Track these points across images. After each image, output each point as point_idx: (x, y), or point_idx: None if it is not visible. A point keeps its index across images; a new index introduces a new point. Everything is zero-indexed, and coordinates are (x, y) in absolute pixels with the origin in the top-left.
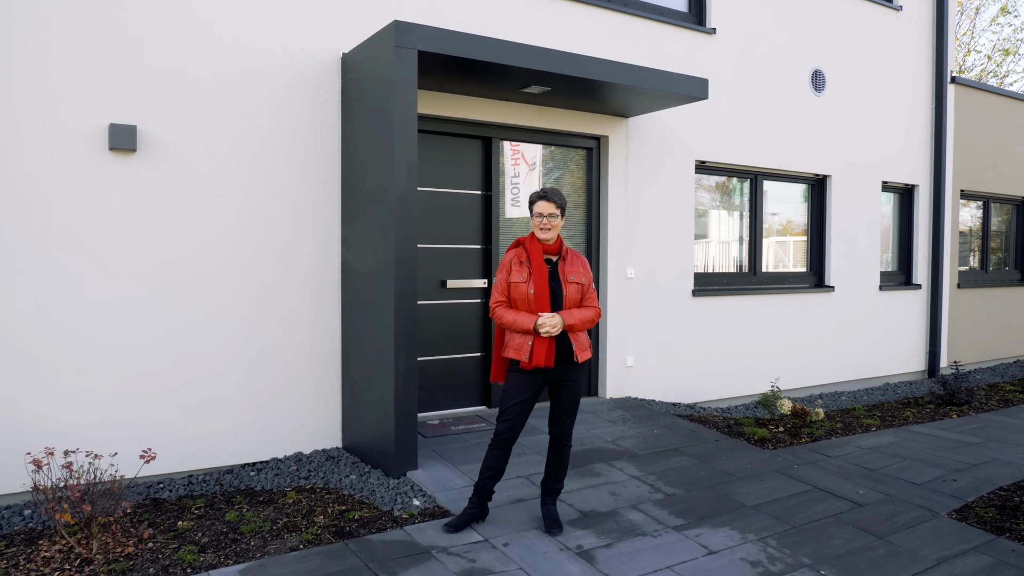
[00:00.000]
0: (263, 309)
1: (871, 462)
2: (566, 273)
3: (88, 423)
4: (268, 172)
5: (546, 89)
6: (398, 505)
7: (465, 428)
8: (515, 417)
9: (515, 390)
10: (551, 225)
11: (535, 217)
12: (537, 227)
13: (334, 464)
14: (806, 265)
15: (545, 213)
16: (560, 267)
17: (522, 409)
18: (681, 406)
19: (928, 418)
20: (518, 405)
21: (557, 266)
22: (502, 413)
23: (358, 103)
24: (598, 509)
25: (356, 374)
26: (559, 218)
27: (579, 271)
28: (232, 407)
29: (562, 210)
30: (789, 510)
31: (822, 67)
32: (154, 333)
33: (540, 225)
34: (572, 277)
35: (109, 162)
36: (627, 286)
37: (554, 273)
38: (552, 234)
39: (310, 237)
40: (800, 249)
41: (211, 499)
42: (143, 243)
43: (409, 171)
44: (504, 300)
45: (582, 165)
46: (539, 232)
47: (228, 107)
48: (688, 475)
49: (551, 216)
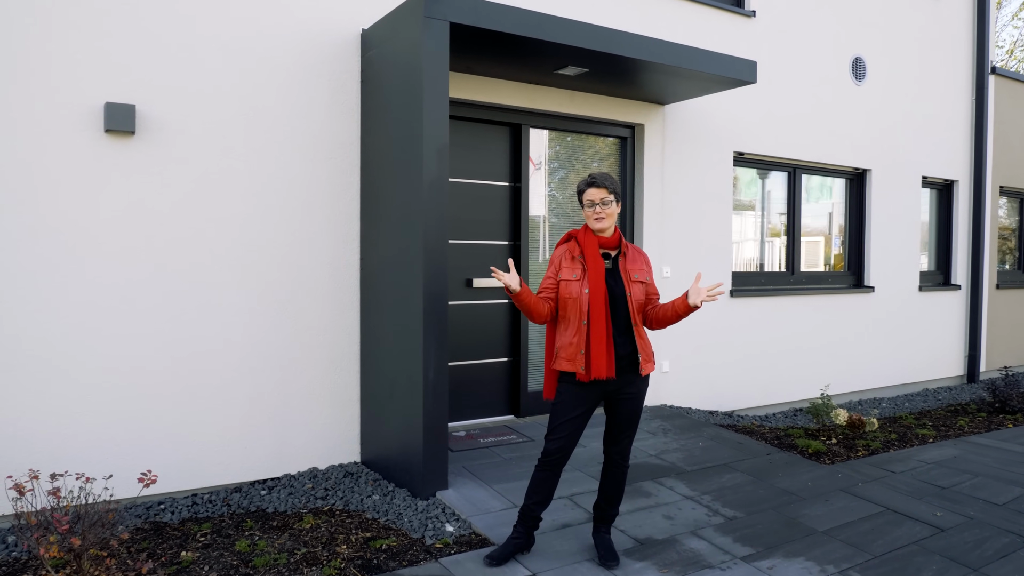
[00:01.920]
0: (273, 310)
1: (941, 479)
2: (629, 270)
3: (80, 436)
4: (280, 159)
5: (583, 71)
6: (429, 531)
7: (495, 441)
8: (567, 435)
9: (567, 404)
10: (605, 213)
11: (586, 208)
12: (591, 217)
13: (353, 481)
14: (844, 264)
15: (597, 200)
16: (621, 264)
17: (576, 426)
18: (719, 414)
19: (983, 428)
20: (571, 422)
21: (617, 262)
22: (552, 430)
23: (380, 83)
24: (654, 536)
25: (377, 382)
26: (614, 204)
27: (643, 268)
28: (240, 418)
29: (616, 196)
30: (866, 536)
31: (863, 55)
32: (153, 337)
33: (593, 215)
34: (636, 275)
35: (105, 146)
36: (663, 286)
37: (614, 271)
38: (608, 223)
39: (326, 230)
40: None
41: (218, 523)
42: (141, 238)
43: (440, 156)
44: (548, 299)
45: (615, 156)
46: (593, 223)
47: (236, 87)
48: (746, 495)
49: (604, 203)
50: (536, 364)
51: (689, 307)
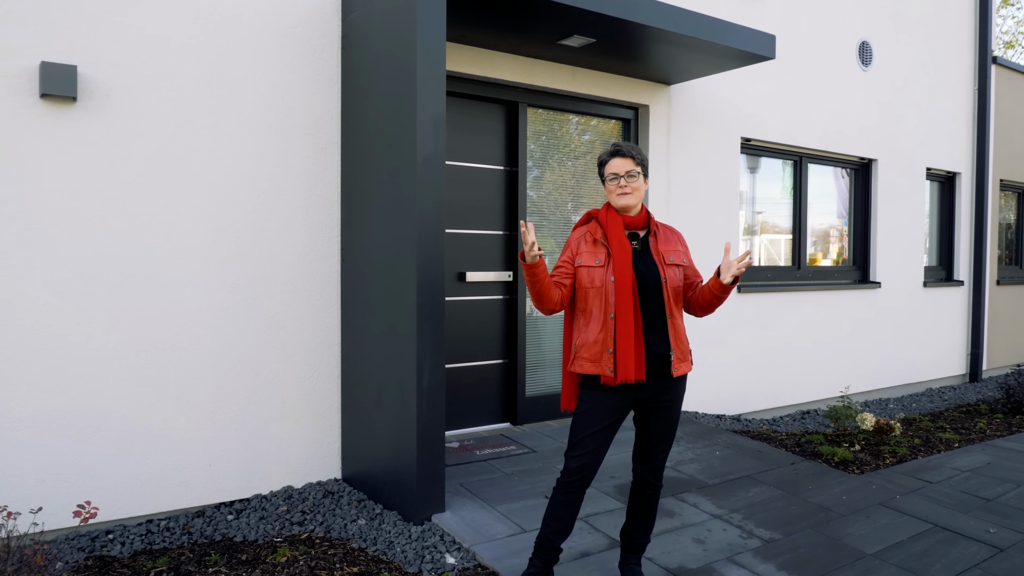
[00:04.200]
0: (241, 306)
1: (983, 489)
2: (661, 252)
3: (3, 456)
4: (249, 135)
5: (589, 41)
6: (427, 564)
7: (492, 453)
8: (592, 451)
9: (591, 415)
10: (631, 188)
11: (609, 181)
12: (614, 192)
13: (334, 503)
14: (850, 258)
15: (622, 172)
16: (652, 245)
17: (601, 440)
18: (727, 418)
19: (1004, 430)
20: (596, 435)
21: (647, 243)
22: (574, 446)
23: (365, 48)
24: (687, 565)
25: (361, 388)
26: (641, 178)
27: (677, 248)
28: (202, 430)
29: (644, 168)
30: (920, 559)
31: (869, 39)
32: (99, 338)
33: (617, 189)
34: (671, 257)
35: (40, 114)
36: None
37: (644, 254)
38: (634, 200)
39: (302, 216)
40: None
41: (177, 557)
42: (83, 224)
43: (436, 128)
44: (561, 284)
45: (617, 139)
46: (617, 199)
47: (197, 50)
48: (778, 512)
49: (630, 176)
50: (534, 366)
51: (724, 286)
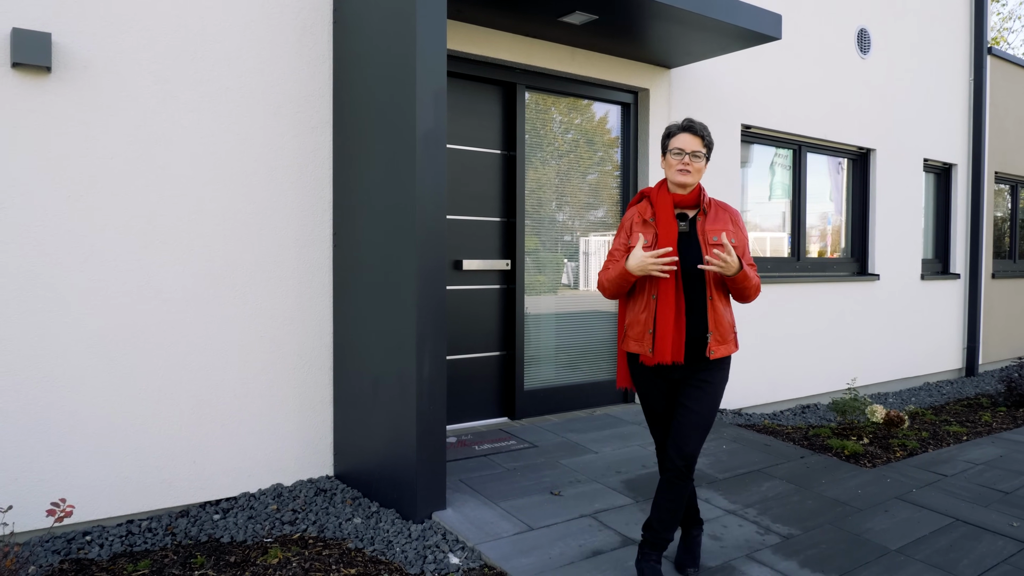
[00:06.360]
0: (227, 294)
1: (999, 482)
2: (708, 232)
3: None
4: (236, 112)
5: (591, 18)
6: (429, 564)
7: (492, 448)
8: (658, 433)
9: (645, 400)
10: (693, 168)
11: (672, 155)
12: (674, 167)
13: (327, 500)
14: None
15: (688, 150)
16: (700, 225)
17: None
18: (728, 412)
19: (1010, 423)
20: (655, 417)
21: (695, 224)
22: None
23: (358, 23)
24: (706, 563)
25: (356, 380)
26: (703, 161)
27: (728, 228)
28: (186, 426)
29: (709, 151)
30: (945, 554)
31: (868, 26)
32: (76, 326)
33: (679, 164)
34: (715, 237)
35: (12, 85)
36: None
37: (691, 235)
38: (692, 179)
39: (292, 199)
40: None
41: (160, 559)
42: (58, 204)
43: (436, 102)
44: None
45: (616, 124)
46: (676, 175)
47: (182, 21)
48: (794, 507)
49: (695, 156)
50: (533, 359)
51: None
